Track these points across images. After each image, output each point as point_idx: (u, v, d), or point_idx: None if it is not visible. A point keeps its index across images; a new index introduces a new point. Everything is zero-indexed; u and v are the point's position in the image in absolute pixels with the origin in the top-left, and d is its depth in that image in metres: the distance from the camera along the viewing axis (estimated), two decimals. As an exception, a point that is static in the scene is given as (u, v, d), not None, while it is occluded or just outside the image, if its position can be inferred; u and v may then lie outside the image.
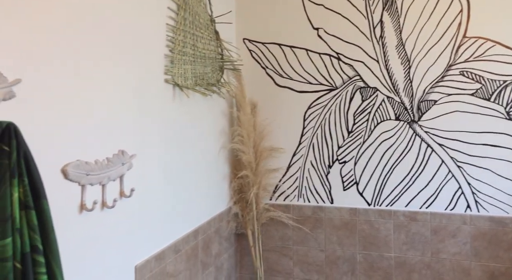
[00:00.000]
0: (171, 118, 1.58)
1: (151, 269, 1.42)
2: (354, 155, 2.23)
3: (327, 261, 2.28)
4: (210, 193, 1.98)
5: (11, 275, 0.76)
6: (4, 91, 0.82)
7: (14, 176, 0.79)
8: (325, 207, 2.28)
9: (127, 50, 1.28)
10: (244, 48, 2.34)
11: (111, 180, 1.18)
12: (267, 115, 2.34)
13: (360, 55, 2.19)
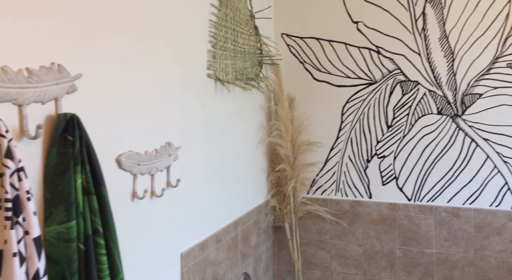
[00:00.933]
0: (212, 112, 1.62)
1: (195, 257, 1.48)
2: (394, 150, 2.20)
3: (365, 255, 2.28)
4: (249, 186, 2.02)
5: (76, 255, 0.82)
6: (68, 85, 0.88)
7: (77, 164, 0.85)
8: (363, 201, 2.27)
9: (173, 46, 1.34)
10: (282, 43, 2.36)
11: (159, 170, 1.24)
12: (304, 110, 2.35)
13: (401, 48, 2.15)
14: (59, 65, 0.87)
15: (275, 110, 2.27)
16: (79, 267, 0.83)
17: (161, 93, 1.27)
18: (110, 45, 1.04)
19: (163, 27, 1.28)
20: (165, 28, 1.29)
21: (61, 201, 0.82)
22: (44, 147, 0.85)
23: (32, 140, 0.82)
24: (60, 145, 0.85)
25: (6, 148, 0.71)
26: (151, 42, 1.22)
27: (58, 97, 0.86)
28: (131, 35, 1.12)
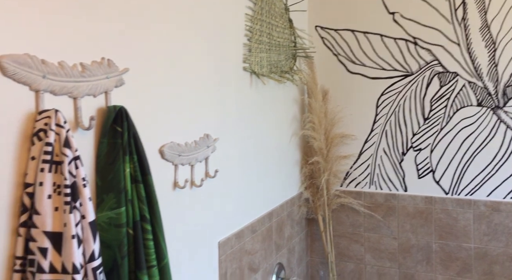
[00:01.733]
0: (248, 105, 1.65)
1: (231, 246, 1.52)
2: (431, 143, 2.16)
3: (400, 249, 2.25)
4: (282, 177, 2.04)
5: (125, 239, 0.87)
6: (116, 79, 0.93)
7: (126, 154, 0.90)
8: (398, 194, 2.24)
9: (210, 40, 1.37)
10: (316, 36, 2.35)
11: (198, 161, 1.28)
12: (338, 102, 2.34)
13: (439, 39, 2.10)
14: (108, 60, 0.92)
15: (309, 103, 2.27)
16: (128, 251, 0.88)
17: (199, 87, 1.31)
18: (152, 41, 1.08)
19: (201, 22, 1.31)
20: (203, 23, 1.32)
21: (111, 188, 0.87)
22: (95, 138, 0.90)
23: (85, 131, 0.87)
24: (110, 136, 0.90)
25: (65, 138, 0.76)
26: (190, 37, 1.25)
27: (108, 90, 0.91)
28: (172, 31, 1.16)
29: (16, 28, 0.74)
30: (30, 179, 0.74)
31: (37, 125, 0.75)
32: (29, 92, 0.76)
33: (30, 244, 0.73)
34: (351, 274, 2.36)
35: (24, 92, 0.75)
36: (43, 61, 0.77)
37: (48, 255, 0.72)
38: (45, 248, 0.72)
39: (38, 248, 0.72)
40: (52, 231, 0.73)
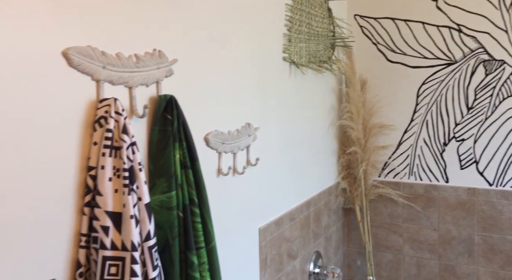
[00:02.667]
0: (287, 94, 1.67)
1: (271, 233, 1.55)
2: (474, 133, 2.10)
3: (440, 240, 2.22)
4: (320, 167, 2.06)
5: (176, 221, 0.92)
6: (166, 69, 0.98)
7: (176, 141, 0.94)
8: (439, 185, 2.20)
9: (253, 30, 1.39)
10: (355, 25, 2.33)
11: (240, 149, 1.32)
12: (377, 92, 2.31)
13: (485, 25, 2.03)
14: (159, 51, 0.97)
15: (347, 92, 2.26)
16: (179, 232, 0.93)
17: (241, 76, 1.34)
18: (198, 33, 1.12)
19: (243, 12, 1.34)
20: (245, 13, 1.35)
21: (163, 173, 0.93)
22: (148, 125, 0.96)
23: (139, 119, 0.93)
24: (161, 123, 0.95)
25: (123, 125, 0.81)
26: (233, 28, 1.28)
27: (159, 80, 0.96)
28: (216, 22, 1.20)
29: (78, 21, 0.79)
30: (92, 162, 0.80)
31: (98, 112, 0.81)
32: (91, 82, 0.81)
33: (93, 222, 0.79)
34: (389, 264, 2.35)
35: (86, 82, 0.80)
36: (103, 53, 0.82)
37: (110, 233, 0.78)
38: (107, 226, 0.78)
39: (101, 226, 0.78)
40: (112, 211, 0.79)
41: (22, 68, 0.70)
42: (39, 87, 0.73)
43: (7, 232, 0.69)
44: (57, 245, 0.77)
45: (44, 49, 0.73)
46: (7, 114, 0.69)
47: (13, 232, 0.70)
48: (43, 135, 0.74)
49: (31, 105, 0.72)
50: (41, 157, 0.74)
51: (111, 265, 0.77)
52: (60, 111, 0.76)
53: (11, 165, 0.69)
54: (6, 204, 0.69)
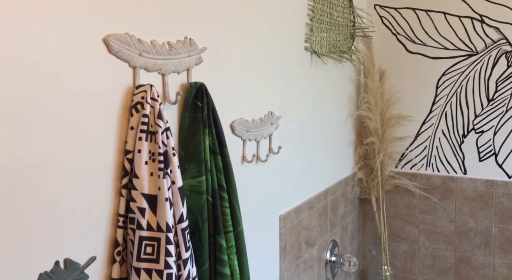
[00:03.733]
0: (307, 84, 1.68)
1: (291, 220, 1.58)
2: (494, 125, 2.09)
3: (456, 232, 2.22)
4: (337, 157, 2.07)
5: (206, 205, 0.95)
6: (196, 57, 1.00)
7: (206, 127, 0.97)
8: (457, 177, 2.20)
9: (276, 19, 1.40)
10: (374, 15, 2.31)
11: (263, 137, 1.34)
12: (395, 83, 2.30)
13: (508, 16, 2.00)
14: (190, 39, 0.99)
15: (365, 83, 2.26)
16: (208, 216, 0.96)
17: (265, 64, 1.36)
18: (224, 23, 1.14)
19: (267, 0, 1.35)
20: (268, 1, 1.36)
21: (193, 159, 0.95)
22: (178, 112, 0.98)
23: (170, 105, 0.95)
24: (191, 110, 0.97)
25: (158, 111, 0.84)
26: (257, 17, 1.30)
27: (189, 67, 0.98)
28: (242, 12, 1.21)
29: (115, 9, 0.81)
30: (129, 146, 0.83)
31: (134, 98, 0.84)
32: (128, 68, 0.84)
33: (130, 204, 0.82)
34: (404, 254, 2.37)
35: (124, 68, 0.83)
36: (139, 40, 0.85)
37: (146, 215, 0.81)
38: (143, 208, 0.81)
39: (138, 207, 0.81)
40: (148, 193, 0.82)
41: (64, 55, 0.73)
42: (81, 73, 0.76)
43: (54, 211, 0.72)
44: (97, 225, 0.80)
45: (85, 35, 0.76)
46: (53, 100, 0.72)
47: (59, 211, 0.73)
48: (84, 120, 0.77)
49: (73, 91, 0.75)
50: (82, 140, 0.77)
51: (147, 245, 0.80)
52: (100, 96, 0.79)
53: (56, 148, 0.72)
54: (53, 186, 0.72)
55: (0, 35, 0.63)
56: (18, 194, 0.67)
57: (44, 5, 0.69)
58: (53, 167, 0.72)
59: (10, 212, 0.66)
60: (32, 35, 0.67)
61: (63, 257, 0.73)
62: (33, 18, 0.67)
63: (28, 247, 0.68)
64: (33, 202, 0.69)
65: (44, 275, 0.69)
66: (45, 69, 0.70)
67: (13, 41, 0.65)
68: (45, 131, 0.71)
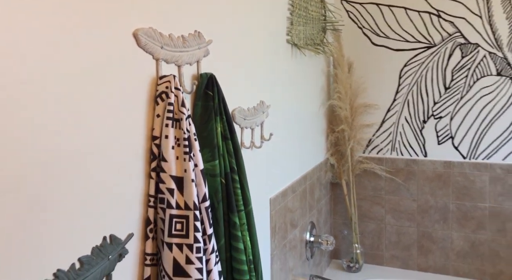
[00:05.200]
0: (289, 75, 1.79)
1: (279, 203, 1.69)
2: (451, 111, 2.31)
3: (419, 210, 2.44)
4: (313, 144, 2.20)
5: (220, 187, 1.03)
6: (204, 49, 1.07)
7: (217, 115, 1.04)
8: (418, 160, 2.41)
9: (265, 14, 1.49)
10: (342, 9, 2.46)
11: (256, 125, 1.43)
12: (362, 74, 2.47)
13: (462, 11, 2.22)
14: (199, 32, 1.05)
15: (335, 74, 2.40)
16: (222, 197, 1.04)
17: (256, 57, 1.44)
18: (223, 18, 1.21)
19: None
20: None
21: (206, 144, 1.03)
22: (191, 101, 1.05)
23: (186, 95, 1.02)
24: (203, 99, 1.04)
25: (182, 99, 0.90)
26: (250, 13, 1.38)
27: (199, 59, 1.05)
28: (237, 8, 1.29)
29: (139, 5, 0.87)
30: (156, 132, 0.89)
31: (159, 88, 0.90)
32: (152, 60, 0.89)
33: (160, 185, 0.88)
34: (372, 233, 2.56)
35: (149, 60, 0.89)
36: (160, 34, 0.90)
37: (175, 195, 0.88)
38: (172, 188, 0.88)
39: (167, 188, 0.88)
40: (176, 175, 0.88)
41: (101, 50, 0.78)
42: (114, 67, 0.81)
43: (100, 193, 0.78)
44: (132, 205, 0.86)
45: (118, 30, 0.81)
46: (93, 93, 0.76)
47: (103, 193, 0.79)
48: (118, 110, 0.82)
49: (109, 84, 0.80)
50: (117, 128, 0.82)
51: (177, 222, 0.87)
52: (130, 87, 0.85)
53: (96, 136, 0.77)
54: (97, 171, 0.77)
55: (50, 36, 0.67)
56: (72, 178, 0.72)
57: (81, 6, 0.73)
58: (96, 154, 0.77)
59: (71, 192, 0.71)
60: (72, 33, 0.72)
61: (108, 233, 0.79)
62: (74, 21, 0.72)
63: (82, 224, 0.74)
64: (83, 184, 0.74)
65: (96, 248, 0.74)
66: (84, 64, 0.75)
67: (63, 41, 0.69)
68: (86, 122, 0.75)
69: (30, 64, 0.64)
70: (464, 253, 2.36)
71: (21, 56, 0.62)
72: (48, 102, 0.67)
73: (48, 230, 0.68)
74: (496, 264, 2.30)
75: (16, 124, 0.62)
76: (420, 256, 2.46)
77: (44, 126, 0.67)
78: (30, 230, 0.64)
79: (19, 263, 0.63)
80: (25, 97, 0.63)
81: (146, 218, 0.89)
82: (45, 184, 0.67)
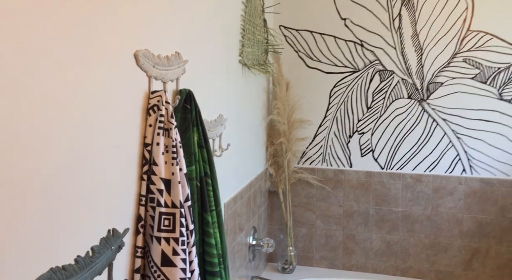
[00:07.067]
0: (240, 92, 1.98)
1: (231, 207, 1.85)
2: (372, 127, 2.68)
3: (344, 214, 2.76)
4: (256, 154, 2.41)
5: (195, 189, 1.17)
6: (182, 68, 1.21)
7: (194, 126, 1.19)
8: (345, 170, 2.73)
9: (224, 37, 1.67)
10: (281, 34, 2.73)
11: (217, 136, 1.59)
12: (298, 92, 2.75)
13: (380, 42, 2.60)
14: (178, 53, 1.20)
15: (274, 91, 2.65)
16: (197, 198, 1.18)
17: (215, 75, 1.61)
18: (193, 41, 1.36)
19: (218, 24, 1.61)
20: (219, 25, 1.62)
21: (185, 151, 1.16)
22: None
23: (168, 107, 1.15)
24: (182, 111, 1.18)
25: (171, 112, 1.04)
26: (212, 37, 1.55)
27: (179, 77, 1.19)
28: (201, 31, 1.45)
29: (136, 29, 0.99)
30: (148, 140, 1.01)
31: (151, 101, 1.02)
32: (146, 77, 1.02)
33: (150, 186, 1.00)
34: (304, 236, 2.82)
35: (143, 77, 1.01)
36: (152, 55, 1.04)
37: (163, 195, 1.01)
38: (162, 189, 1.00)
39: (157, 189, 1.00)
40: (165, 178, 1.01)
41: (106, 66, 0.89)
42: (117, 83, 0.93)
43: (103, 191, 0.88)
44: (127, 203, 0.97)
45: (122, 51, 0.93)
46: (101, 106, 0.88)
47: (105, 192, 0.89)
48: (113, 118, 0.93)
49: (113, 98, 0.91)
50: (116, 136, 0.93)
51: (165, 219, 1.00)
52: (128, 100, 0.96)
53: (99, 142, 0.88)
54: (100, 172, 0.88)
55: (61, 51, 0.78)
56: (84, 178, 0.82)
57: (92, 30, 0.85)
58: (97, 158, 0.88)
59: (77, 193, 0.81)
60: (83, 53, 0.83)
61: (111, 227, 0.89)
62: (83, 41, 0.83)
63: (94, 219, 0.84)
64: (92, 184, 0.85)
65: (103, 239, 0.84)
66: (95, 81, 0.86)
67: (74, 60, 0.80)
68: (88, 129, 0.86)
69: (49, 81, 0.75)
70: (381, 252, 2.71)
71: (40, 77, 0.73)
72: (67, 116, 0.78)
73: (69, 223, 0.77)
74: (406, 261, 2.68)
75: (44, 131, 0.72)
76: (345, 256, 2.77)
77: (65, 132, 0.77)
78: (57, 224, 0.74)
79: (50, 250, 0.72)
80: (46, 109, 0.74)
81: (138, 215, 1.00)
82: (68, 184, 0.77)
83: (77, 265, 0.76)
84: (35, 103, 0.70)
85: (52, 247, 0.74)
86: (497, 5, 2.45)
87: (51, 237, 0.73)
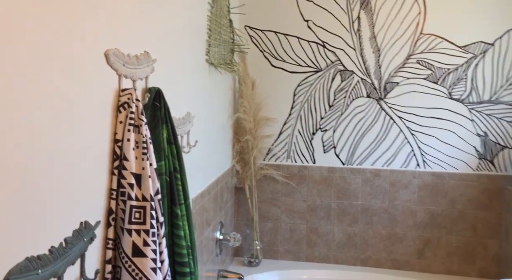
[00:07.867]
0: (206, 90, 2.03)
1: (198, 203, 1.90)
2: (333, 125, 2.80)
3: (308, 209, 2.86)
4: (223, 152, 2.47)
5: (165, 183, 1.22)
6: (151, 67, 1.25)
7: (163, 122, 1.24)
8: (308, 166, 2.84)
9: (191, 37, 1.72)
10: (246, 34, 2.79)
11: (184, 133, 1.64)
12: (263, 91, 2.83)
13: (341, 44, 2.73)
14: (147, 52, 1.24)
15: (240, 90, 2.72)
16: (166, 192, 1.23)
17: (184, 75, 1.66)
18: (163, 42, 1.41)
19: (184, 24, 1.65)
20: (186, 25, 1.66)
21: (154, 147, 1.20)
22: (140, 110, 1.22)
23: (137, 105, 1.19)
24: (151, 109, 1.22)
25: (141, 109, 1.08)
26: (179, 37, 1.59)
27: (148, 75, 1.23)
28: (168, 33, 1.49)
29: (107, 29, 1.03)
30: (119, 136, 1.05)
31: (121, 99, 1.06)
32: (116, 75, 1.06)
33: (121, 181, 1.04)
34: (269, 231, 2.91)
35: (113, 75, 1.05)
36: (122, 54, 1.07)
37: (134, 189, 1.05)
38: (132, 183, 1.04)
39: (128, 183, 1.04)
40: (135, 172, 1.05)
41: (72, 65, 0.93)
42: (87, 81, 0.96)
43: (75, 185, 0.91)
44: (98, 197, 1.00)
45: (92, 50, 0.96)
46: (68, 98, 0.91)
47: (76, 186, 0.93)
48: (85, 115, 0.97)
49: (83, 95, 0.95)
50: (87, 132, 0.97)
51: (136, 212, 1.04)
52: (98, 98, 1.00)
53: (69, 139, 0.92)
54: (69, 168, 0.91)
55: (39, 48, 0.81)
56: (58, 173, 0.85)
57: (68, 31, 0.88)
58: (69, 154, 0.91)
59: (51, 187, 0.84)
60: (57, 50, 0.86)
61: (83, 220, 0.93)
62: (59, 41, 0.86)
63: (67, 211, 0.87)
64: (62, 178, 0.88)
65: (76, 231, 0.88)
66: (65, 78, 0.89)
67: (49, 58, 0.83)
68: (60, 126, 0.89)
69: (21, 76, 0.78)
70: (342, 244, 2.84)
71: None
72: (39, 114, 0.81)
73: (43, 215, 0.81)
74: (365, 251, 2.83)
75: (16, 128, 0.75)
76: (308, 249, 2.88)
77: (37, 128, 0.81)
78: (30, 217, 0.77)
79: (25, 241, 0.76)
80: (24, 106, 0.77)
81: (109, 209, 1.04)
82: (42, 178, 0.80)
83: (51, 255, 0.79)
84: (2, 102, 0.73)
85: (27, 238, 0.77)
86: (447, 10, 2.63)
87: (26, 228, 0.77)
